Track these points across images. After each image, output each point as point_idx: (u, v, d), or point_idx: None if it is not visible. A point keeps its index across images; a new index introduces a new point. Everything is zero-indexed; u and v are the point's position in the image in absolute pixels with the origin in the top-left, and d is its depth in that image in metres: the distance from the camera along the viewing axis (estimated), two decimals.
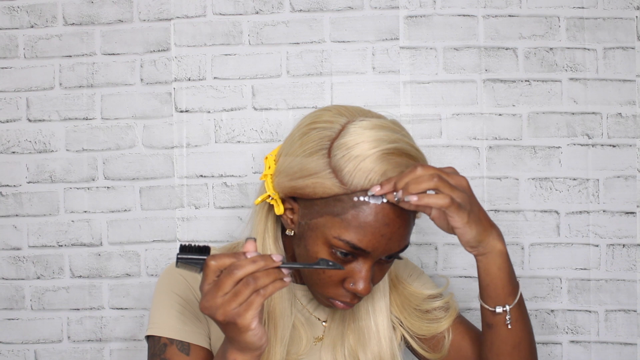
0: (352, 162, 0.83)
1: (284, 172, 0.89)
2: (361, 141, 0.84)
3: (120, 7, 1.39)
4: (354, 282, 0.87)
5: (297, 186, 0.87)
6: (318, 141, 0.86)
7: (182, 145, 1.39)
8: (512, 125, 1.37)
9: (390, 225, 0.84)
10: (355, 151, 0.83)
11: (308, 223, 0.87)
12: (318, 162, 0.85)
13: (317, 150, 0.86)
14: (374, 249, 0.85)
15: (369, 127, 0.85)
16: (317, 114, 0.91)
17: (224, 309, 0.74)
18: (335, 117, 0.88)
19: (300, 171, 0.86)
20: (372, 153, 0.83)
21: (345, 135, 0.85)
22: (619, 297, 1.36)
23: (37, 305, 1.41)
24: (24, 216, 1.41)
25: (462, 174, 1.35)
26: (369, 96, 1.37)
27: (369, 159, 0.83)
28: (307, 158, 0.86)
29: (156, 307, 0.97)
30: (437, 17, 1.37)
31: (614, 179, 1.36)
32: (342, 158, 0.84)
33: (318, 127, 0.88)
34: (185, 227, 1.39)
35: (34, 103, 1.40)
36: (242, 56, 1.38)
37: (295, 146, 0.89)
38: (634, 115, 1.36)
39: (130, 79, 1.39)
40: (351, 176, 0.83)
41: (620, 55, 1.36)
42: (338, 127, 0.87)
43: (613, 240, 1.36)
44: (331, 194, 0.84)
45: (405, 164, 0.85)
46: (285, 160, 0.90)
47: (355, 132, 0.85)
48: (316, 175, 0.85)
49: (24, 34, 1.40)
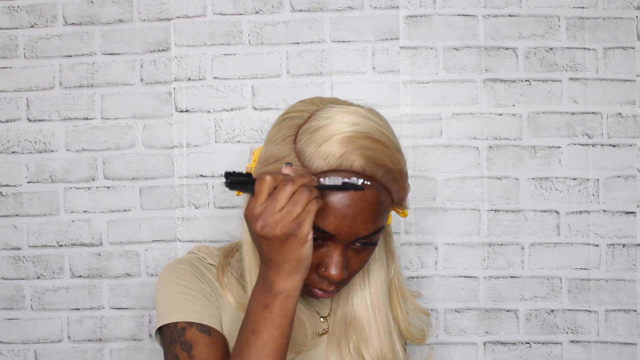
0: (313, 145, 0.83)
1: (258, 161, 0.91)
2: (325, 124, 0.84)
3: (120, 7, 1.39)
4: (326, 267, 0.86)
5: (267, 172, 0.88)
6: (287, 129, 0.87)
7: (182, 145, 1.39)
8: (512, 125, 1.37)
9: (352, 206, 0.83)
10: (318, 134, 0.83)
11: None
12: (284, 148, 0.85)
13: (285, 137, 0.87)
14: (338, 232, 0.84)
15: (337, 112, 0.85)
16: (292, 105, 0.92)
17: (284, 222, 0.76)
18: (306, 106, 0.89)
19: (269, 157, 0.87)
20: (333, 134, 0.82)
21: (312, 121, 0.85)
22: (619, 297, 1.36)
23: (37, 305, 1.41)
24: (24, 216, 1.41)
25: (462, 174, 1.37)
26: (369, 96, 1.37)
27: (330, 141, 0.82)
28: (276, 145, 0.87)
29: (164, 298, 0.94)
30: (437, 17, 1.37)
31: (614, 179, 1.36)
32: (305, 141, 0.84)
33: (290, 116, 0.89)
34: (185, 227, 1.39)
35: (34, 103, 1.40)
36: (242, 56, 1.38)
37: (270, 135, 0.90)
38: (634, 115, 1.36)
39: (130, 78, 1.39)
40: (311, 159, 0.82)
41: (620, 55, 1.36)
42: (307, 114, 0.87)
43: (613, 240, 1.36)
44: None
45: (369, 147, 0.83)
46: (261, 151, 0.91)
47: (321, 116, 0.85)
48: (281, 160, 0.85)
49: (24, 33, 1.40)
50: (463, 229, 1.37)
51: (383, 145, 0.84)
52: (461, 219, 1.37)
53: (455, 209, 1.37)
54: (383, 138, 0.85)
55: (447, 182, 1.37)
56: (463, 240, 1.37)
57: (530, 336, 1.38)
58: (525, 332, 1.38)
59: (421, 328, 1.07)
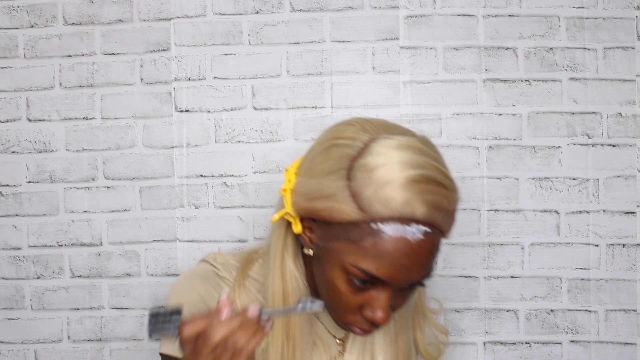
0: (372, 187, 0.77)
1: (300, 191, 0.84)
2: (384, 163, 0.78)
3: (120, 6, 1.39)
4: (372, 310, 0.82)
5: (314, 208, 0.82)
6: (338, 159, 0.81)
7: (182, 145, 1.39)
8: (512, 125, 1.37)
9: (411, 255, 0.79)
10: (377, 174, 0.77)
11: (325, 246, 0.83)
12: (336, 184, 0.80)
13: (335, 170, 0.80)
14: (393, 279, 0.80)
15: (394, 147, 0.79)
16: (339, 129, 0.85)
17: None
18: (357, 134, 0.82)
19: (316, 192, 0.81)
20: (395, 178, 0.77)
21: (367, 155, 0.79)
22: (619, 297, 1.36)
23: (37, 305, 1.41)
24: (24, 216, 1.41)
25: (462, 174, 1.36)
26: (369, 96, 1.37)
27: (391, 186, 0.77)
28: (324, 178, 0.81)
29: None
30: (437, 17, 1.37)
31: (614, 179, 1.36)
32: (362, 181, 0.78)
33: (339, 143, 0.82)
34: (185, 227, 1.39)
35: (34, 103, 1.40)
36: (242, 56, 1.38)
37: (314, 163, 0.84)
38: (634, 115, 1.36)
39: (130, 78, 1.39)
40: (370, 203, 0.77)
41: (620, 55, 1.36)
42: (360, 144, 0.80)
43: (613, 240, 1.36)
44: (348, 219, 0.79)
45: (432, 191, 0.78)
46: (303, 179, 0.85)
47: (379, 152, 0.79)
48: (333, 197, 0.79)
49: (24, 33, 1.40)
50: (463, 228, 1.37)
51: (444, 188, 0.80)
52: (461, 219, 1.37)
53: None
54: (444, 180, 0.80)
55: None
56: (463, 240, 1.37)
57: (530, 336, 1.38)
58: (525, 332, 1.38)
59: (438, 346, 1.04)
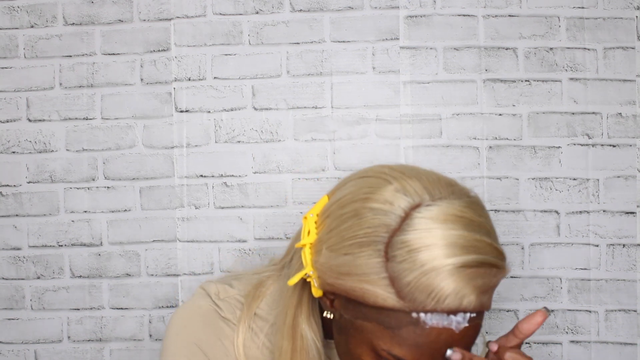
0: (415, 273, 0.67)
1: (326, 263, 0.73)
2: (429, 244, 0.67)
3: (120, 7, 1.39)
4: None
5: (343, 287, 0.71)
6: (373, 230, 0.69)
7: (182, 145, 1.39)
8: (512, 125, 1.37)
9: (453, 343, 0.70)
10: (421, 258, 0.67)
11: (352, 321, 0.73)
12: (370, 262, 0.69)
13: (370, 242, 0.69)
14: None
15: (439, 221, 0.68)
16: (374, 185, 0.72)
17: None
18: (396, 197, 0.70)
19: (346, 266, 0.70)
20: (441, 265, 0.66)
21: (409, 231, 0.68)
22: (619, 297, 1.36)
23: (37, 305, 1.41)
24: (24, 216, 1.41)
25: (462, 174, 1.36)
26: (369, 96, 1.37)
27: (437, 273, 0.66)
28: (356, 252, 0.70)
29: (170, 356, 0.85)
30: (437, 17, 1.37)
31: (614, 179, 1.36)
32: (403, 264, 0.67)
33: (374, 207, 0.70)
34: (185, 227, 1.39)
35: (34, 103, 1.40)
36: (242, 56, 1.38)
37: (342, 227, 0.72)
38: (634, 115, 1.36)
39: (130, 79, 1.39)
40: (412, 291, 0.67)
41: (620, 55, 1.36)
42: (400, 213, 0.69)
43: (613, 240, 1.36)
44: (384, 305, 0.69)
45: (482, 275, 0.68)
46: (329, 251, 0.73)
47: (422, 226, 0.67)
48: (367, 278, 0.69)
49: (24, 34, 1.40)
50: None
51: (495, 268, 0.70)
52: None
53: None
54: (496, 260, 0.70)
55: None
56: None
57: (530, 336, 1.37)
58: None
59: None
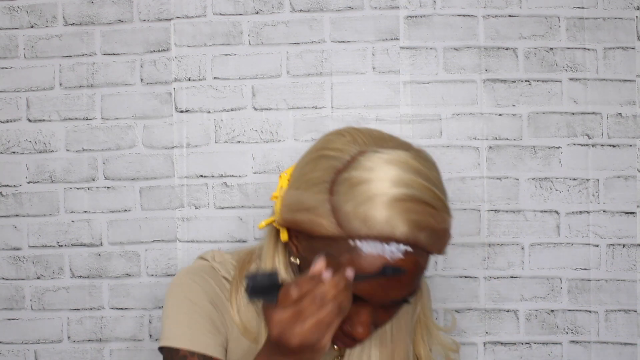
0: (352, 203, 0.74)
1: (285, 202, 0.81)
2: (368, 179, 0.74)
3: (120, 7, 1.39)
4: (352, 325, 0.80)
5: (295, 220, 0.79)
6: (323, 172, 0.78)
7: (182, 145, 1.39)
8: (512, 125, 1.37)
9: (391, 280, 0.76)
10: (359, 190, 0.74)
11: (307, 258, 0.80)
12: (317, 197, 0.77)
13: (319, 182, 0.77)
14: (371, 298, 0.77)
15: (382, 163, 0.75)
16: (330, 139, 0.82)
17: (304, 337, 0.69)
18: (347, 145, 0.79)
19: (299, 204, 0.79)
20: (376, 195, 0.73)
21: (353, 169, 0.76)
22: (619, 297, 1.36)
23: (37, 305, 1.41)
24: (24, 216, 1.41)
25: (462, 174, 1.36)
26: (369, 96, 1.37)
27: (372, 203, 0.73)
28: (308, 190, 0.78)
29: (171, 315, 0.90)
30: (437, 17, 1.37)
31: (614, 179, 1.36)
32: (344, 196, 0.74)
33: (327, 154, 0.79)
34: (185, 227, 1.39)
35: (34, 103, 1.40)
36: (242, 56, 1.38)
37: (301, 173, 0.81)
38: (634, 115, 1.36)
39: (130, 79, 1.39)
40: (348, 219, 0.74)
41: (620, 55, 1.36)
42: (347, 157, 0.77)
43: (613, 240, 1.36)
44: (327, 234, 0.76)
45: (416, 210, 0.74)
46: (289, 190, 0.82)
47: (364, 166, 0.75)
48: (314, 211, 0.77)
49: (24, 34, 1.40)
50: (463, 229, 1.37)
51: (431, 207, 0.76)
52: (461, 219, 1.37)
53: (455, 209, 1.36)
54: (432, 200, 0.76)
55: (447, 182, 1.35)
56: (463, 241, 1.37)
57: (530, 336, 1.38)
58: (525, 332, 1.38)
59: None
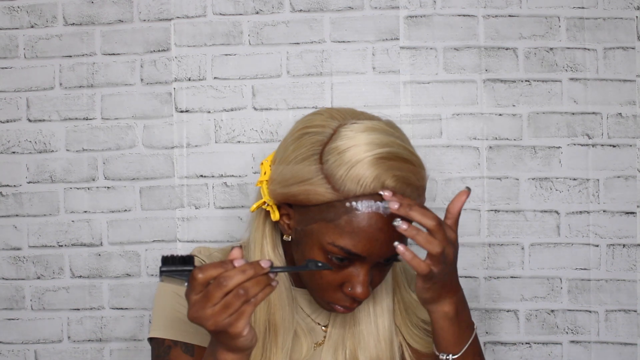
0: (343, 167, 0.83)
1: (277, 179, 0.89)
2: (353, 145, 0.83)
3: (120, 7, 1.39)
4: (352, 286, 0.87)
5: (290, 193, 0.87)
6: (309, 146, 0.86)
7: (182, 145, 1.39)
8: (512, 125, 1.37)
9: (385, 230, 0.84)
10: (347, 156, 0.83)
11: (303, 229, 0.88)
12: (310, 169, 0.85)
13: (308, 156, 0.86)
14: (369, 254, 0.85)
15: (361, 130, 0.85)
16: (308, 119, 0.91)
17: (215, 320, 0.75)
18: (327, 121, 0.88)
19: (292, 178, 0.87)
20: (363, 157, 0.82)
21: (337, 140, 0.85)
22: (619, 297, 1.36)
23: (37, 305, 1.41)
24: (24, 216, 1.41)
25: (462, 174, 1.36)
26: (369, 96, 1.37)
27: (361, 164, 0.82)
28: (298, 164, 0.86)
29: (158, 308, 0.97)
30: (437, 17, 1.37)
31: (614, 179, 1.36)
32: (334, 163, 0.83)
33: (310, 131, 0.88)
34: (185, 227, 1.39)
35: (34, 103, 1.40)
36: (242, 56, 1.38)
37: (287, 152, 0.89)
38: (634, 115, 1.36)
39: (130, 79, 1.39)
40: (343, 182, 0.83)
41: (620, 55, 1.36)
42: (329, 131, 0.87)
43: (613, 240, 1.36)
44: (324, 200, 0.84)
45: (399, 167, 0.84)
46: (278, 167, 0.90)
47: (347, 135, 0.85)
48: (308, 181, 0.85)
49: (24, 34, 1.40)
50: (463, 229, 1.37)
51: (411, 164, 0.85)
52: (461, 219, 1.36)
53: None
54: (410, 157, 0.86)
55: (447, 182, 1.37)
56: (463, 241, 1.37)
57: (531, 336, 1.38)
58: (526, 332, 1.38)
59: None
